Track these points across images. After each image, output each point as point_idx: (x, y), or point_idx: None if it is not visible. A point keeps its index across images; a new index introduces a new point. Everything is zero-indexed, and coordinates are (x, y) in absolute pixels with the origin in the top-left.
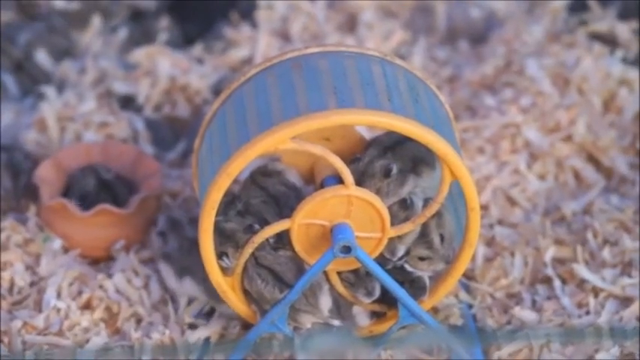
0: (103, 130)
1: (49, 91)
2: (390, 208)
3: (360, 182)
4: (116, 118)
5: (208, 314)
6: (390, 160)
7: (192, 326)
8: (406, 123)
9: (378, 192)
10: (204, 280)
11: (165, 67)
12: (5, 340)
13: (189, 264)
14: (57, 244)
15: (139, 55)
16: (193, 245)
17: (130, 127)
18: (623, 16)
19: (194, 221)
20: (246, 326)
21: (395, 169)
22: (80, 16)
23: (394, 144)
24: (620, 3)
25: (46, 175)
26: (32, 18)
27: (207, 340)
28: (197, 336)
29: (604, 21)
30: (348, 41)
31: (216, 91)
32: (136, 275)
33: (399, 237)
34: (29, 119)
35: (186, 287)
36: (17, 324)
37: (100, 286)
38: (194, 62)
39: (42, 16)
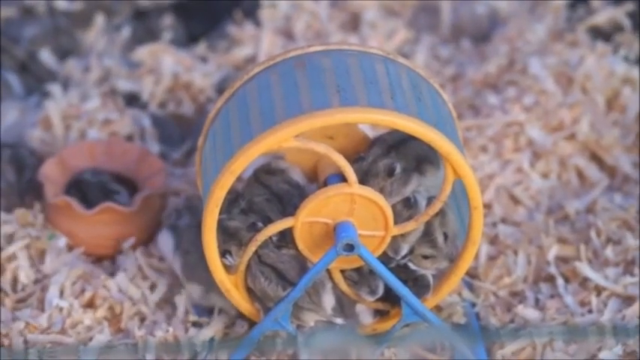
0: (108, 127)
1: (55, 89)
2: (393, 206)
3: (363, 181)
4: (121, 116)
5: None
6: (393, 159)
7: (197, 324)
8: (409, 121)
9: (381, 191)
10: (185, 255)
11: (169, 66)
12: (7, 339)
13: (185, 240)
14: (62, 242)
15: (143, 53)
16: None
17: (136, 125)
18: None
19: None
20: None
21: (398, 169)
22: (83, 15)
23: (398, 143)
24: None
25: (51, 173)
26: (36, 18)
27: (211, 337)
28: (201, 334)
29: (603, 12)
30: (351, 40)
31: (220, 89)
32: (140, 274)
33: (403, 236)
34: (34, 117)
35: (176, 262)
36: (20, 323)
37: (104, 285)
38: (198, 61)
39: (46, 15)
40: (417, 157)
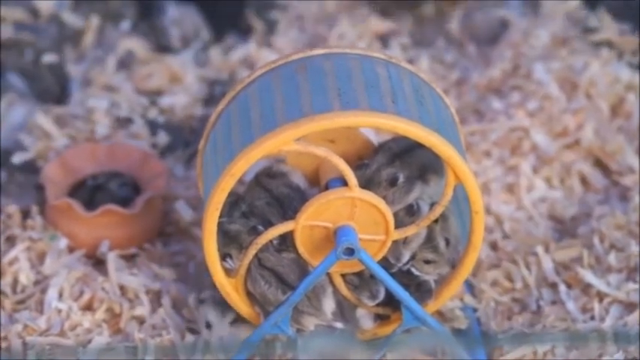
0: (115, 129)
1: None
2: (396, 213)
3: (366, 189)
4: (129, 119)
5: None
6: (397, 168)
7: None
8: (410, 125)
9: (383, 200)
10: None
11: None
12: (6, 342)
13: None
14: (63, 243)
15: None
16: None
17: (144, 127)
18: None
19: None
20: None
21: (401, 179)
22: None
23: (402, 151)
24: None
25: (53, 175)
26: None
27: (210, 340)
28: (200, 337)
29: (610, 29)
30: (358, 45)
31: (223, 93)
32: (140, 276)
33: (404, 242)
34: (40, 119)
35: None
36: (19, 325)
37: (102, 288)
38: (203, 65)
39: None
40: (422, 166)
